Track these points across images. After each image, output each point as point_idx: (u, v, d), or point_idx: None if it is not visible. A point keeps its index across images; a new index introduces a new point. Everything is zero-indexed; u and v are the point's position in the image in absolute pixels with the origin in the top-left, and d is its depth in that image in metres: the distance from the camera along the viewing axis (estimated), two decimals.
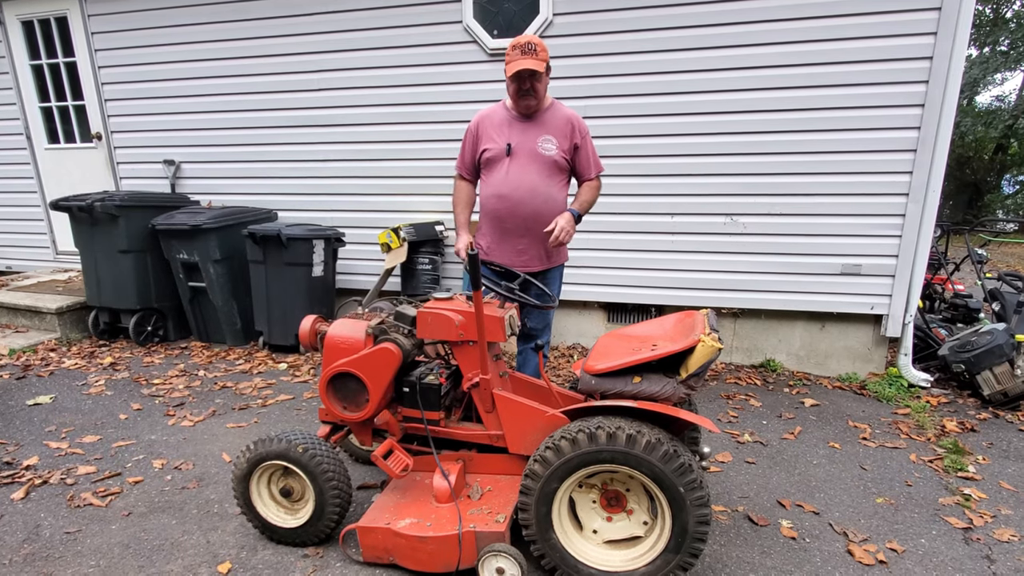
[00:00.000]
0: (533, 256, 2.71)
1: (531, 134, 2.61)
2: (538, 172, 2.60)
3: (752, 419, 3.31)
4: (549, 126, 2.62)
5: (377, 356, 2.06)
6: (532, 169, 2.60)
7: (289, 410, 3.37)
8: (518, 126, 2.63)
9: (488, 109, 2.74)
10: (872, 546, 2.21)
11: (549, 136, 2.60)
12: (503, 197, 2.62)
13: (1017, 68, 14.36)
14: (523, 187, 2.59)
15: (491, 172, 2.67)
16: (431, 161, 4.36)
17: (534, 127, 2.62)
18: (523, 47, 2.45)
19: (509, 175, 2.61)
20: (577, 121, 2.65)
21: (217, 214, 4.22)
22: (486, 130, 2.68)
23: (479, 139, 2.70)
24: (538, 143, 2.60)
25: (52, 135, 5.43)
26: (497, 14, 4.00)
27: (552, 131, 2.61)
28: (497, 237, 2.72)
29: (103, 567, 2.07)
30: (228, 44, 4.58)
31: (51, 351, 4.27)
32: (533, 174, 2.60)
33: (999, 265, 9.53)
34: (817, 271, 3.85)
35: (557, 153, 2.60)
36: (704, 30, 3.68)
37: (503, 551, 1.84)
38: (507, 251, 2.71)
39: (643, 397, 1.83)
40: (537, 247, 2.69)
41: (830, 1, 3.47)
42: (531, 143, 2.60)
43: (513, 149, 2.61)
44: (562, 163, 2.64)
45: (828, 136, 3.65)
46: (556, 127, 2.62)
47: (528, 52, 2.45)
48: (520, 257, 2.70)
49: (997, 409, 3.48)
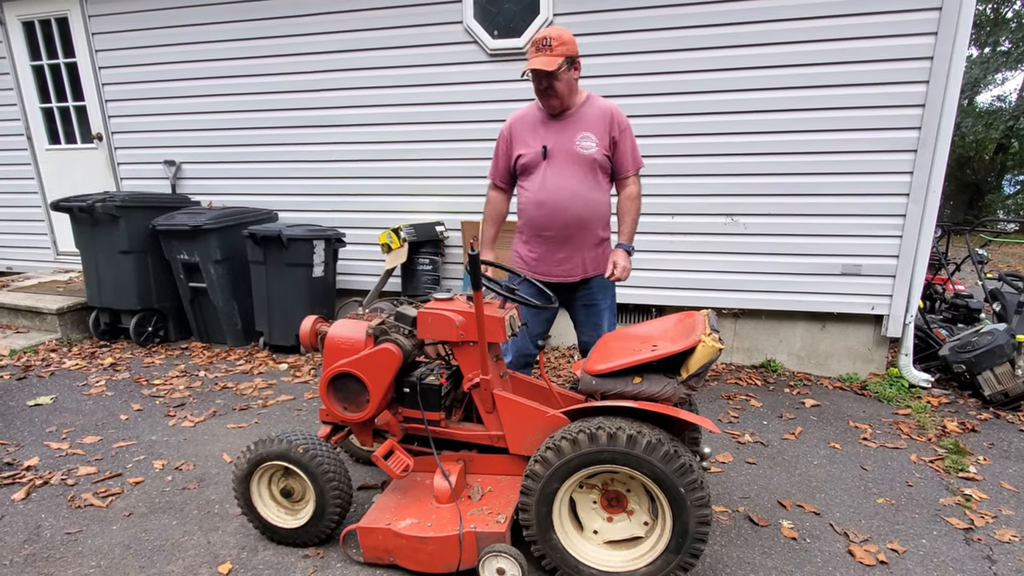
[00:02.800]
0: (576, 265, 2.52)
1: (568, 133, 2.42)
2: (578, 174, 2.42)
3: (753, 419, 3.31)
4: (586, 122, 2.42)
5: (378, 356, 2.06)
6: (571, 171, 2.42)
7: (290, 411, 3.37)
8: (553, 126, 2.45)
9: (521, 110, 2.57)
10: (873, 546, 2.20)
11: (588, 133, 2.41)
12: (541, 204, 2.45)
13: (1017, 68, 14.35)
14: (562, 191, 2.41)
15: (528, 178, 2.50)
16: (431, 161, 4.37)
17: (570, 125, 2.43)
18: (538, 43, 2.30)
19: (547, 180, 2.44)
20: (616, 113, 2.44)
21: (218, 215, 4.22)
22: (519, 133, 2.51)
23: (512, 144, 2.53)
24: (576, 142, 2.41)
25: (53, 136, 5.43)
26: (497, 14, 4.00)
27: (590, 127, 2.41)
28: (537, 247, 2.54)
29: (104, 568, 2.07)
30: (229, 45, 4.58)
31: (52, 352, 4.27)
32: (572, 177, 2.42)
33: (1000, 265, 9.53)
34: (818, 271, 3.84)
35: (598, 151, 2.41)
36: (704, 30, 3.68)
37: (504, 551, 1.84)
38: (548, 262, 2.53)
39: (644, 397, 1.83)
40: (579, 255, 2.50)
41: (830, 1, 3.47)
42: (569, 143, 2.42)
43: (549, 151, 2.44)
44: (603, 161, 2.44)
45: (828, 136, 3.65)
46: (594, 122, 2.42)
47: (542, 48, 2.29)
48: (561, 267, 2.52)
49: (998, 409, 3.47)
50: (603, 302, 2.62)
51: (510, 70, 4.06)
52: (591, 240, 2.51)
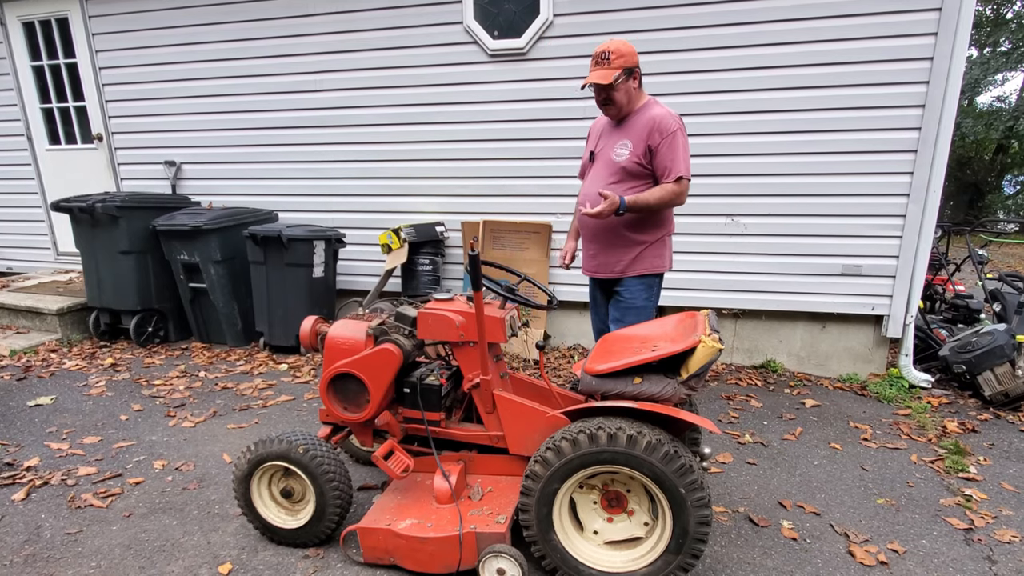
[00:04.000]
0: (603, 263, 2.66)
1: (615, 139, 2.56)
2: (607, 179, 2.54)
3: (753, 420, 3.31)
4: (632, 129, 2.51)
5: (378, 357, 2.06)
6: (603, 176, 2.57)
7: (290, 411, 3.37)
8: (608, 132, 2.61)
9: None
10: (873, 547, 2.20)
11: (626, 140, 2.51)
12: (579, 204, 2.66)
13: (1017, 68, 14.36)
14: (591, 194, 2.55)
15: (582, 178, 2.79)
16: (432, 162, 4.37)
17: (621, 131, 2.56)
18: (597, 56, 2.43)
19: (585, 182, 2.70)
20: (660, 122, 2.43)
21: (218, 215, 4.22)
22: (591, 136, 2.74)
23: (586, 145, 2.78)
24: (614, 148, 2.54)
25: (53, 136, 5.43)
26: (497, 15, 4.00)
27: (631, 135, 2.50)
28: (583, 244, 2.77)
29: (104, 568, 2.07)
30: (229, 45, 4.58)
31: (52, 352, 4.27)
32: (601, 181, 2.55)
33: (1000, 266, 9.53)
34: (818, 272, 3.84)
35: (628, 158, 2.49)
36: (704, 31, 3.68)
37: (504, 552, 1.84)
38: (586, 256, 2.75)
39: (644, 398, 1.83)
40: (605, 254, 2.64)
41: (830, 2, 3.47)
42: (609, 149, 2.57)
43: (595, 155, 2.65)
44: (633, 168, 2.49)
45: (828, 136, 3.65)
46: (637, 131, 2.49)
47: (601, 62, 2.41)
48: (592, 262, 2.71)
49: (998, 410, 3.47)
50: (633, 302, 2.65)
51: (510, 70, 4.07)
52: (620, 242, 2.59)
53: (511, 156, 4.21)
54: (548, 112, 4.06)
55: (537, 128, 4.11)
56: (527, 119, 4.12)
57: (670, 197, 2.46)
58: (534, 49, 4.00)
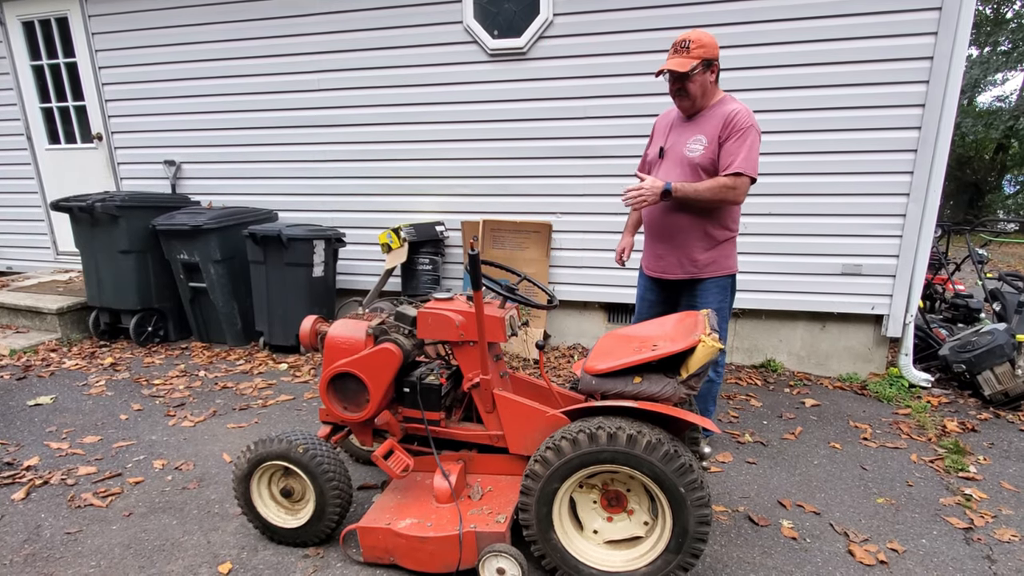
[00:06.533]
0: (671, 263, 2.57)
1: (686, 135, 2.46)
2: (679, 176, 2.44)
3: (753, 419, 3.31)
4: (705, 125, 2.42)
5: (378, 356, 2.06)
6: (674, 173, 2.46)
7: (290, 410, 3.37)
8: (681, 127, 2.51)
9: (669, 108, 2.64)
10: (873, 546, 2.20)
11: (701, 136, 2.41)
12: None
13: (1017, 68, 14.35)
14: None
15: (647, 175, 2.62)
16: (431, 161, 4.37)
17: (693, 127, 2.46)
18: (677, 44, 2.34)
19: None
20: (733, 116, 2.35)
21: (218, 214, 4.22)
22: (657, 131, 2.65)
23: (650, 140, 2.69)
24: (687, 144, 2.44)
25: (53, 135, 5.43)
26: (497, 14, 4.00)
27: (706, 130, 2.41)
28: (647, 242, 2.68)
29: (104, 567, 2.07)
30: (229, 44, 4.58)
31: (52, 351, 4.27)
32: (673, 179, 2.42)
33: (1000, 265, 9.53)
34: (818, 271, 3.84)
35: (701, 155, 2.40)
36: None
37: (504, 551, 1.84)
38: (649, 256, 2.67)
39: (643, 397, 1.83)
40: (674, 255, 2.55)
41: (830, 1, 3.47)
42: (681, 145, 2.46)
43: (665, 152, 2.53)
44: (707, 165, 2.40)
45: (828, 136, 3.65)
46: (712, 125, 2.39)
47: (680, 50, 2.33)
48: (659, 263, 2.61)
49: (998, 409, 3.47)
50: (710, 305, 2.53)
51: (510, 70, 4.06)
52: (692, 241, 2.49)
53: (511, 156, 4.21)
54: (548, 112, 4.06)
55: (537, 128, 4.11)
56: (527, 119, 4.11)
57: (723, 191, 2.33)
58: (534, 49, 4.00)
